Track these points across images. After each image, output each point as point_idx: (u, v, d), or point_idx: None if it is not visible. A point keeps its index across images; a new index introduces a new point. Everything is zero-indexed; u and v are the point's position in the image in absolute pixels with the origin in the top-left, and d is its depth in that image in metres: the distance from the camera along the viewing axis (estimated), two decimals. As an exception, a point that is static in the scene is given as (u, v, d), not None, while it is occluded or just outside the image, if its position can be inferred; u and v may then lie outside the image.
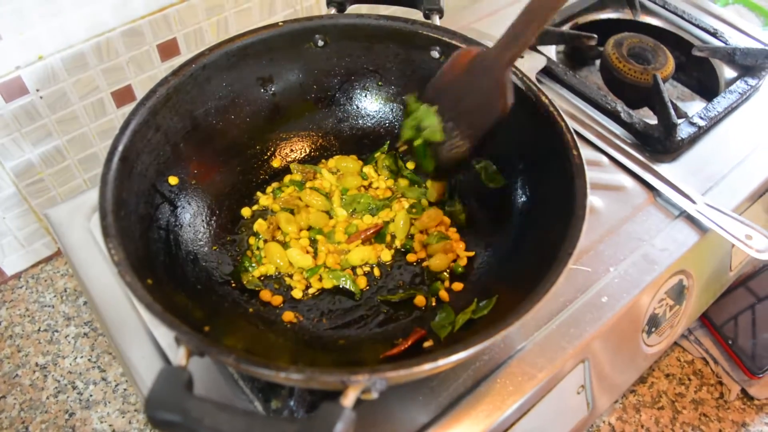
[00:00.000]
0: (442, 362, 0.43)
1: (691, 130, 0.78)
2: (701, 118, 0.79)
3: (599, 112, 0.81)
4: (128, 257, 0.48)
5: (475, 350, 0.44)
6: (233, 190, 0.68)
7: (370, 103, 0.74)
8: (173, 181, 0.62)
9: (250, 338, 0.56)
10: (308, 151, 0.73)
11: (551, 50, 0.88)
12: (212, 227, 0.65)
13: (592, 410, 0.65)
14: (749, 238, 0.67)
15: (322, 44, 0.69)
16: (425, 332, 0.58)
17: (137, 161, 0.57)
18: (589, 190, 0.54)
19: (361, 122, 0.74)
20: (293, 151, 0.73)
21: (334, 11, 0.70)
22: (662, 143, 0.76)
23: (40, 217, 0.83)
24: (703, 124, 0.79)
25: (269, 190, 0.70)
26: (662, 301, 0.68)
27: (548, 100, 0.60)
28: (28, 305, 0.83)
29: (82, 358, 0.79)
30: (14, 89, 0.71)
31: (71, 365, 0.78)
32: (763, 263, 0.86)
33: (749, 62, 0.87)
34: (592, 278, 0.65)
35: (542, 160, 0.62)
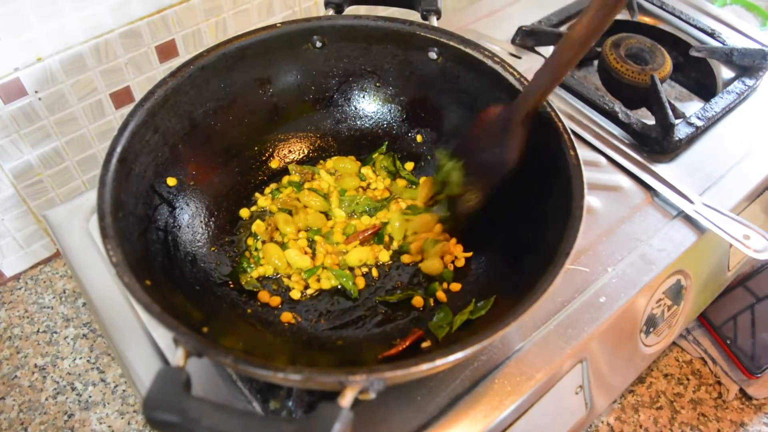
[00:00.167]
0: (439, 362, 0.43)
1: (688, 130, 0.78)
2: (699, 118, 0.79)
3: (597, 112, 0.81)
4: (127, 258, 0.48)
5: (472, 350, 0.44)
6: (231, 191, 0.68)
7: (368, 104, 0.74)
8: (172, 182, 0.62)
9: (248, 339, 0.56)
10: (306, 152, 0.73)
11: (549, 51, 0.88)
12: (211, 228, 0.65)
13: (590, 410, 0.65)
14: (747, 238, 0.67)
15: (320, 45, 0.69)
16: (423, 333, 0.58)
17: (136, 162, 0.57)
18: (586, 190, 0.54)
19: (359, 123, 0.74)
20: (291, 152, 0.73)
21: (332, 12, 0.71)
22: (660, 143, 0.77)
23: (39, 218, 0.83)
24: (700, 124, 0.79)
25: (267, 191, 0.70)
26: (660, 301, 0.68)
27: (546, 100, 0.60)
28: (27, 306, 0.83)
29: (81, 359, 0.79)
30: (13, 90, 0.71)
31: (70, 366, 0.78)
32: (761, 263, 0.86)
33: (747, 62, 0.87)
34: (590, 278, 0.65)
35: (540, 160, 0.62)
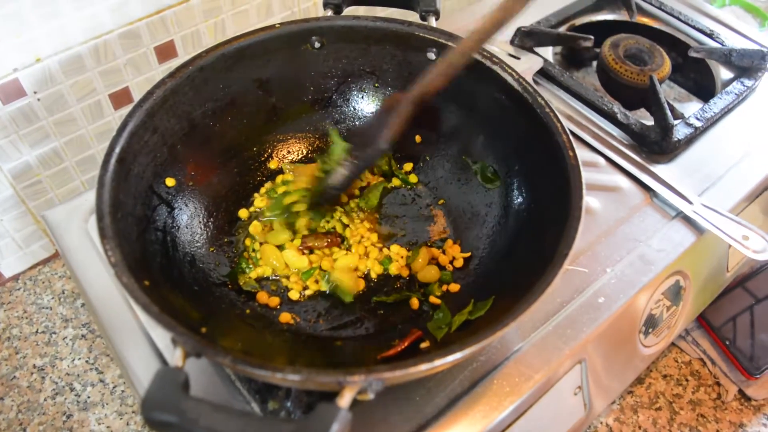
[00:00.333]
0: (438, 363, 0.43)
1: (687, 131, 0.78)
2: (698, 119, 0.79)
3: (596, 113, 0.81)
4: (125, 259, 0.48)
5: (471, 351, 0.44)
6: (230, 191, 0.68)
7: (366, 104, 0.74)
8: (170, 182, 0.62)
9: (246, 339, 0.56)
10: (305, 152, 0.73)
11: (548, 52, 0.88)
12: (209, 229, 0.65)
13: (589, 411, 0.65)
14: (746, 238, 0.67)
15: (318, 46, 0.69)
16: (422, 333, 0.58)
17: (134, 163, 0.57)
18: (585, 191, 0.54)
19: (358, 124, 0.74)
20: (290, 152, 0.73)
21: (330, 13, 0.71)
22: (659, 144, 0.77)
23: (37, 218, 0.83)
24: (699, 125, 0.79)
25: (263, 191, 0.70)
26: (659, 301, 0.68)
27: (544, 101, 0.60)
28: (26, 307, 0.83)
29: (79, 359, 0.79)
30: (12, 91, 0.71)
31: (69, 367, 0.78)
32: (760, 264, 0.86)
33: (745, 63, 0.87)
34: (588, 279, 0.65)
35: (539, 161, 0.62)
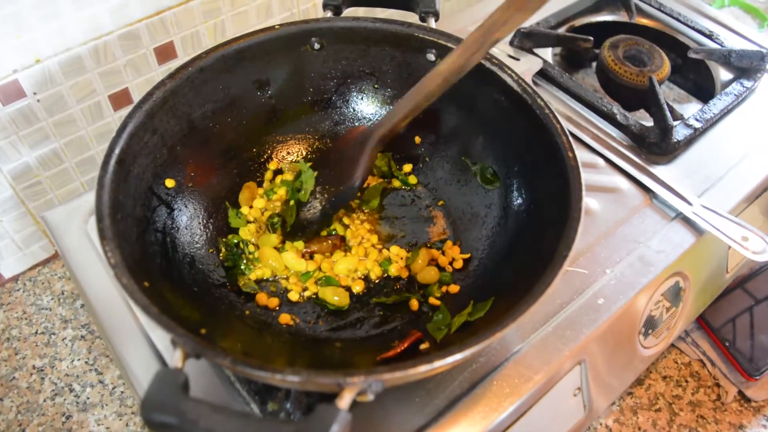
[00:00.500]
0: (437, 364, 0.43)
1: (687, 132, 0.78)
2: (697, 120, 0.80)
3: (595, 114, 0.81)
4: (125, 260, 0.48)
5: (471, 352, 0.44)
6: (230, 192, 0.68)
7: (366, 105, 0.74)
8: (170, 183, 0.62)
9: (246, 340, 0.56)
10: (305, 153, 0.73)
11: (547, 53, 0.88)
12: (209, 230, 0.65)
13: (588, 412, 0.65)
14: (745, 239, 0.67)
15: (318, 47, 0.69)
16: (421, 334, 0.58)
17: (134, 164, 0.57)
18: (584, 192, 0.54)
19: (357, 125, 0.74)
20: (290, 153, 0.73)
21: (330, 14, 0.71)
22: (658, 145, 0.77)
23: (37, 219, 0.83)
24: (699, 126, 0.79)
25: (260, 191, 0.70)
26: (659, 303, 0.68)
27: (544, 102, 0.60)
28: (25, 308, 0.83)
29: (79, 360, 0.79)
30: (11, 92, 0.71)
31: (68, 368, 0.78)
32: (760, 265, 0.86)
33: (745, 64, 0.87)
34: (588, 280, 0.65)
35: (538, 162, 0.62)
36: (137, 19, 0.76)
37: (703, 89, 0.90)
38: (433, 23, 0.70)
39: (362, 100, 0.74)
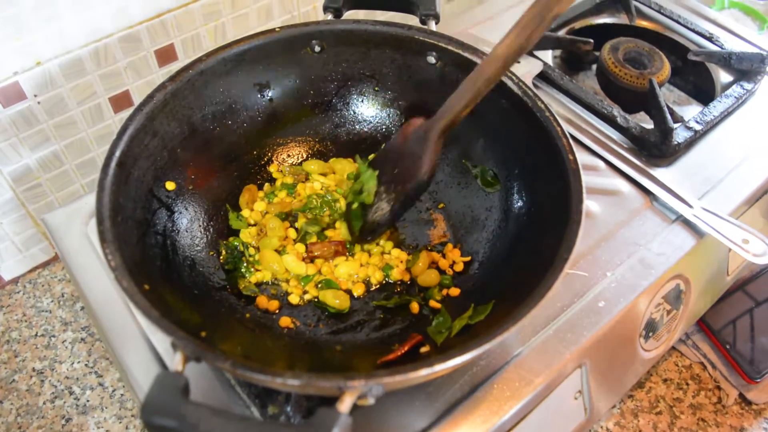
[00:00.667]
0: (438, 368, 0.43)
1: (687, 134, 0.78)
2: (697, 122, 0.79)
3: (595, 116, 0.81)
4: (125, 262, 0.48)
5: (471, 356, 0.44)
6: (230, 195, 0.68)
7: (366, 108, 0.74)
8: (170, 186, 0.62)
9: (246, 343, 0.56)
10: (305, 156, 0.73)
11: (548, 55, 0.88)
12: (209, 232, 0.65)
13: (589, 415, 0.65)
14: (746, 242, 0.67)
15: (318, 50, 0.69)
16: (422, 338, 0.58)
17: (134, 166, 0.57)
18: (585, 194, 0.54)
19: (357, 127, 0.74)
20: (290, 156, 0.73)
21: (330, 17, 0.71)
22: (658, 147, 0.77)
23: (37, 222, 0.83)
24: (699, 128, 0.79)
25: (261, 194, 0.70)
26: (659, 305, 0.68)
27: (544, 104, 0.60)
28: (25, 310, 0.83)
29: (79, 363, 0.79)
30: (12, 94, 0.71)
31: (68, 370, 0.78)
32: (760, 267, 0.86)
33: (745, 66, 0.87)
34: (588, 283, 0.65)
35: (538, 164, 0.62)
36: (138, 21, 0.76)
37: (703, 91, 0.90)
38: (433, 26, 0.70)
39: (363, 102, 0.74)
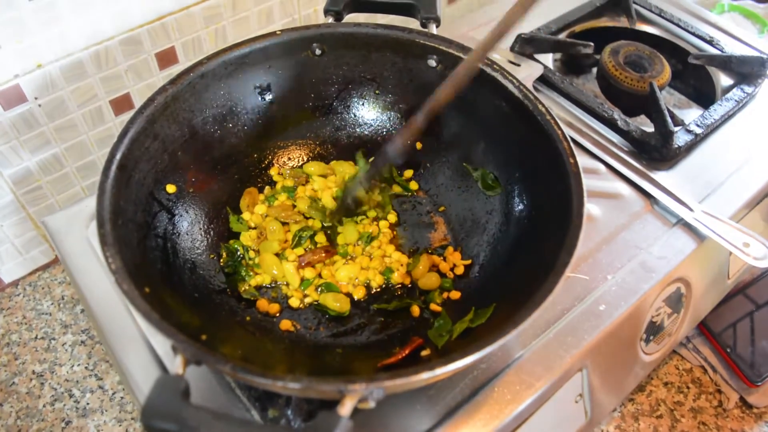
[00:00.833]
0: (439, 371, 0.43)
1: (687, 137, 0.78)
2: (698, 125, 0.80)
3: (596, 119, 0.81)
4: (125, 265, 0.48)
5: (472, 359, 0.44)
6: (231, 198, 0.68)
7: (367, 111, 0.74)
8: (171, 189, 0.62)
9: (247, 347, 0.56)
10: (306, 159, 0.73)
11: (548, 58, 0.88)
12: (210, 235, 0.65)
13: (590, 419, 0.65)
14: (747, 245, 0.67)
15: (319, 53, 0.69)
16: (422, 341, 0.58)
17: (135, 169, 0.57)
18: (586, 198, 0.54)
19: (358, 131, 0.74)
20: (291, 159, 0.73)
21: (331, 20, 0.71)
22: (659, 151, 0.77)
23: (37, 224, 0.83)
24: (699, 131, 0.79)
25: (261, 198, 0.70)
26: (660, 309, 0.68)
27: (545, 108, 0.60)
28: (25, 313, 0.83)
29: (79, 366, 0.79)
30: (13, 97, 0.71)
31: (68, 373, 0.78)
32: (761, 271, 0.86)
33: (745, 70, 0.87)
34: (589, 286, 0.65)
35: (539, 168, 0.62)
36: (138, 24, 0.76)
37: (703, 95, 0.90)
38: (434, 29, 0.70)
39: (363, 105, 0.74)
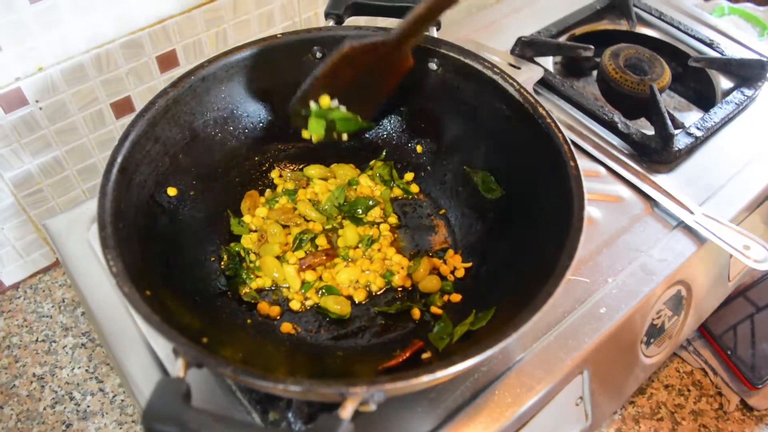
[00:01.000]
0: (440, 374, 0.43)
1: (688, 140, 0.78)
2: (698, 128, 0.80)
3: (596, 122, 0.82)
4: (126, 268, 0.48)
5: (473, 362, 0.44)
6: (232, 201, 0.68)
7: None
8: (172, 192, 0.62)
9: (248, 349, 0.56)
10: (306, 161, 0.73)
11: (548, 61, 0.88)
12: (211, 238, 0.65)
13: (591, 422, 0.65)
14: (747, 248, 0.67)
15: (320, 56, 0.69)
16: (423, 344, 0.57)
17: (136, 172, 0.57)
18: (586, 200, 0.54)
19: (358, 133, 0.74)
20: (291, 162, 0.73)
21: (332, 23, 0.71)
22: (659, 154, 0.77)
23: (38, 227, 0.83)
24: (700, 134, 0.79)
25: (262, 200, 0.70)
26: (661, 311, 0.68)
27: (545, 111, 0.60)
28: (26, 315, 0.83)
29: (79, 368, 0.78)
30: (14, 100, 0.71)
31: (69, 376, 0.78)
32: (761, 273, 0.86)
33: (745, 73, 0.87)
34: (590, 289, 0.65)
35: (540, 170, 0.62)
36: (139, 27, 0.76)
37: (703, 98, 0.90)
38: (434, 32, 0.70)
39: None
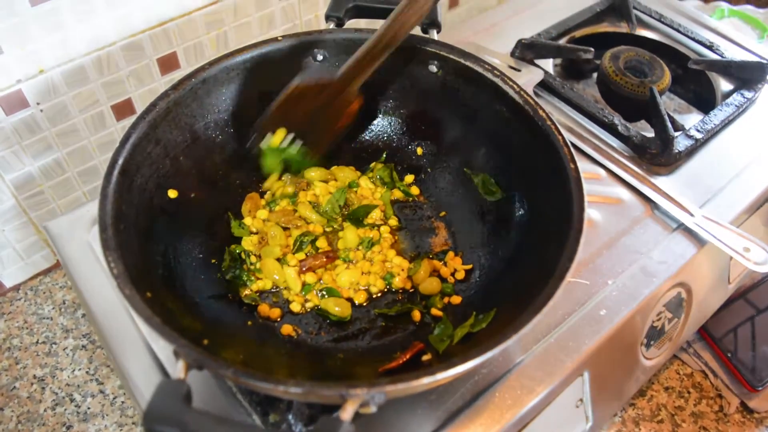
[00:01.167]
0: (440, 376, 0.43)
1: (688, 142, 0.78)
2: (698, 130, 0.80)
3: (596, 125, 0.82)
4: (127, 270, 0.48)
5: (473, 364, 0.44)
6: (232, 203, 0.68)
7: (368, 116, 0.74)
8: (173, 194, 0.62)
9: (248, 351, 0.56)
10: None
11: (548, 64, 0.88)
12: (211, 240, 0.65)
13: (591, 424, 0.65)
14: (747, 250, 0.67)
15: (321, 58, 0.69)
16: (424, 346, 0.58)
17: (137, 174, 0.57)
18: (586, 203, 0.54)
19: (359, 136, 0.74)
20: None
21: (332, 26, 0.71)
22: (659, 156, 0.77)
23: (39, 229, 0.84)
24: (700, 136, 0.79)
25: (262, 202, 0.70)
26: (661, 313, 0.68)
27: (545, 113, 0.61)
28: (26, 317, 0.83)
29: (80, 370, 0.79)
30: (15, 102, 0.71)
31: (69, 377, 0.78)
32: (762, 275, 0.86)
33: (745, 75, 0.87)
34: (590, 291, 0.65)
35: (540, 173, 0.62)
36: (140, 30, 0.76)
37: (703, 100, 0.90)
38: (435, 35, 0.70)
39: (364, 110, 0.74)
